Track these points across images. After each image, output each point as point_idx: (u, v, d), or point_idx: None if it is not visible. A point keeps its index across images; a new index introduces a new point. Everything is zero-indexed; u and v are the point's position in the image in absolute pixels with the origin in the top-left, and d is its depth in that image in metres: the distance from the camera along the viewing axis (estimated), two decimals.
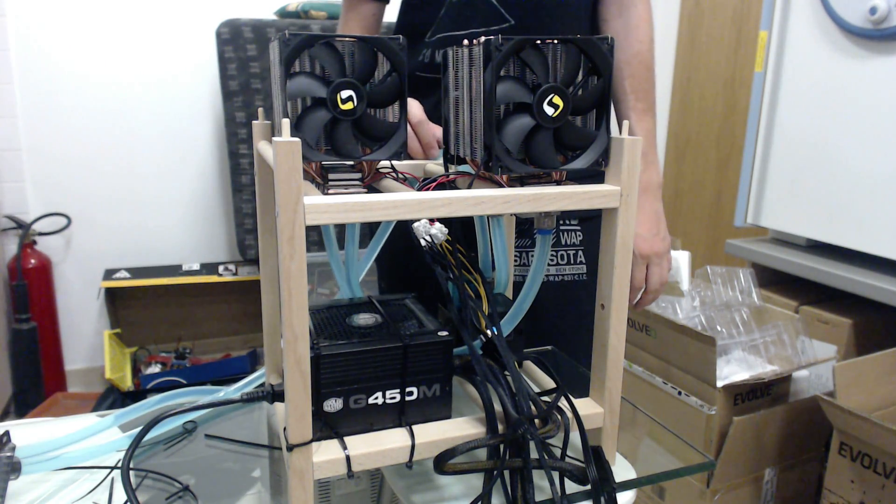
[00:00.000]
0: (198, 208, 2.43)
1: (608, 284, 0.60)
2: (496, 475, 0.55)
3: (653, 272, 0.99)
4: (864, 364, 1.43)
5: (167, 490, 0.66)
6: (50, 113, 2.21)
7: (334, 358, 0.56)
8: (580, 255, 1.02)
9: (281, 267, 0.49)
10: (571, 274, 1.01)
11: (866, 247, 1.58)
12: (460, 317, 0.62)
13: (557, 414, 0.59)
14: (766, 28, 1.78)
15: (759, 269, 1.87)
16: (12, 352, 2.12)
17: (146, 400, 0.75)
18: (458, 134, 0.62)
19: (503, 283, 0.75)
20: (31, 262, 2.17)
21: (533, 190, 0.55)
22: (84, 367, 2.39)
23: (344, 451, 0.55)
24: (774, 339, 1.62)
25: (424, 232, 0.59)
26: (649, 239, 0.98)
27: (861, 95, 1.56)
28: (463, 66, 0.59)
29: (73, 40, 2.19)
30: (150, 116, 2.31)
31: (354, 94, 0.55)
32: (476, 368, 0.58)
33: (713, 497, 1.51)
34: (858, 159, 1.58)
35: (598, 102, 0.58)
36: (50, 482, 0.66)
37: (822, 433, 1.59)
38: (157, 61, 2.28)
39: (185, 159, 2.38)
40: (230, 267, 2.32)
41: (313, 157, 0.55)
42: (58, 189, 2.26)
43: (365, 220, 0.51)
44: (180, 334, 2.36)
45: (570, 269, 1.01)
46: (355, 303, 0.69)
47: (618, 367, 0.62)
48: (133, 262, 2.36)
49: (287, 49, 0.54)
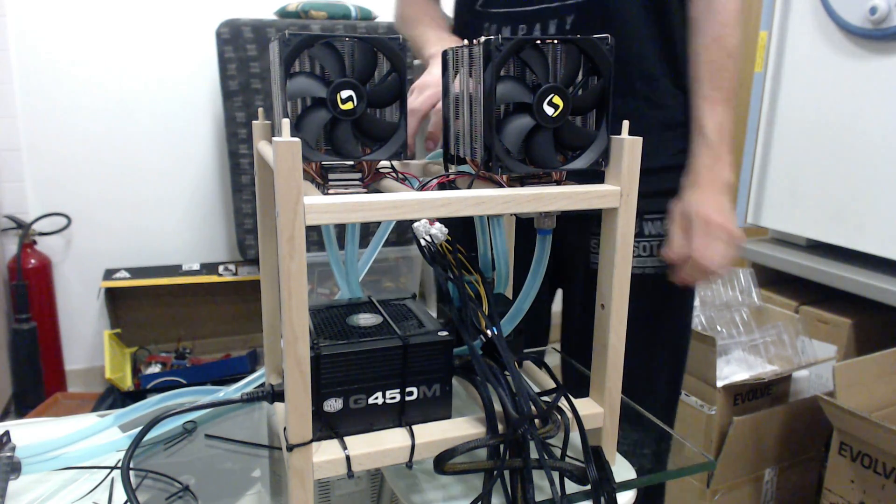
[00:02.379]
0: (198, 208, 2.43)
1: (608, 284, 0.60)
2: (496, 475, 0.55)
3: (716, 246, 0.86)
4: (864, 364, 1.43)
5: (167, 490, 0.66)
6: (50, 113, 2.21)
7: (334, 358, 0.56)
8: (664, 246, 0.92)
9: (281, 267, 0.49)
10: (653, 267, 0.93)
11: (866, 247, 1.58)
12: (460, 317, 0.62)
13: (557, 414, 0.59)
14: (766, 28, 1.78)
15: (759, 269, 1.87)
16: (12, 352, 2.12)
17: (146, 400, 0.75)
18: (458, 134, 0.62)
19: (503, 283, 0.75)
20: (31, 262, 2.17)
21: (533, 190, 0.55)
22: (84, 367, 2.39)
23: (344, 451, 0.55)
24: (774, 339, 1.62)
25: (424, 232, 0.59)
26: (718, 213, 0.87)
27: (861, 95, 1.56)
28: (463, 65, 0.59)
29: (73, 40, 2.19)
30: (150, 116, 2.31)
31: (354, 94, 0.55)
32: (476, 368, 0.58)
33: (713, 497, 1.51)
34: (858, 159, 1.58)
35: (598, 102, 0.58)
36: (50, 482, 0.66)
37: (822, 433, 1.59)
38: (157, 61, 2.28)
39: (185, 159, 2.37)
40: (230, 267, 2.32)
41: (313, 157, 0.55)
42: (58, 189, 2.26)
43: (365, 220, 0.51)
44: (180, 334, 2.36)
45: (652, 261, 0.93)
46: (355, 303, 0.69)
47: (618, 367, 0.62)
48: (133, 262, 2.36)
49: (287, 49, 0.54)
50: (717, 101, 0.89)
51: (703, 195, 0.89)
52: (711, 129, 0.88)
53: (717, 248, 0.87)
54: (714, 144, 0.88)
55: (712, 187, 0.88)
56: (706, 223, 0.87)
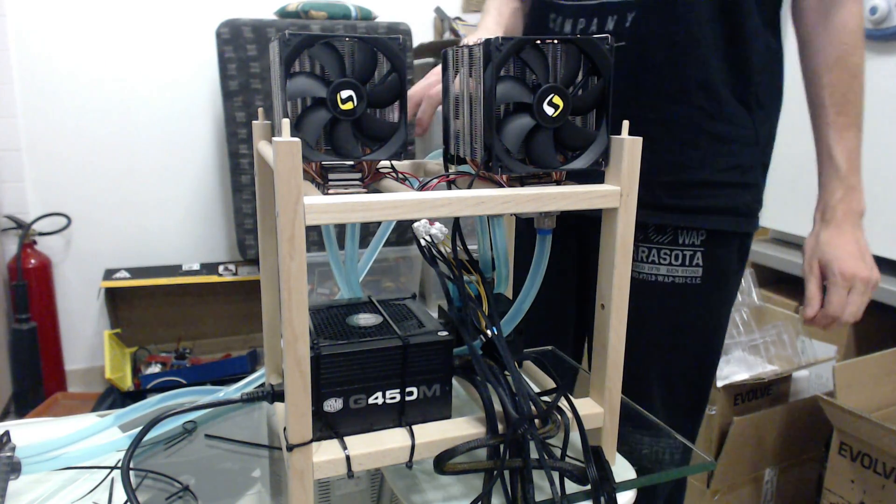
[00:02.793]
0: (198, 208, 2.43)
1: (608, 284, 0.60)
2: (496, 475, 0.55)
3: (852, 300, 0.85)
4: (864, 364, 1.43)
5: (167, 490, 0.66)
6: (50, 113, 2.21)
7: (334, 358, 0.56)
8: (698, 257, 0.88)
9: (281, 267, 0.49)
10: (684, 277, 0.88)
11: None
12: (460, 317, 0.62)
13: (557, 414, 0.59)
14: None
15: (759, 269, 1.87)
16: (12, 352, 2.12)
17: (146, 400, 0.75)
18: (458, 134, 0.62)
19: (503, 283, 0.75)
20: (31, 262, 2.17)
21: (533, 190, 0.55)
22: (84, 367, 2.39)
23: (344, 451, 0.55)
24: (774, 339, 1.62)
25: (424, 232, 0.58)
26: (855, 261, 0.85)
27: None
28: (463, 65, 0.59)
29: (73, 40, 2.19)
30: (150, 116, 2.31)
31: (354, 94, 0.55)
32: (476, 368, 0.58)
33: (713, 497, 1.51)
34: None
35: (598, 102, 0.58)
36: (50, 482, 0.66)
37: (822, 433, 1.59)
38: (157, 61, 2.28)
39: (185, 159, 2.37)
40: (230, 267, 2.32)
41: (313, 157, 0.55)
42: (58, 189, 2.25)
43: (365, 220, 0.51)
44: (180, 334, 2.35)
45: (683, 270, 0.88)
46: (355, 303, 0.69)
47: (618, 367, 0.62)
48: (133, 262, 2.36)
49: (287, 49, 0.54)
50: (844, 127, 0.84)
51: (838, 237, 0.84)
52: (841, 158, 0.84)
53: (853, 302, 0.85)
54: (845, 174, 0.84)
55: (847, 223, 0.85)
56: (844, 277, 0.84)
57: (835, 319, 0.87)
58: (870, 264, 0.86)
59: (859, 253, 0.86)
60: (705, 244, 0.88)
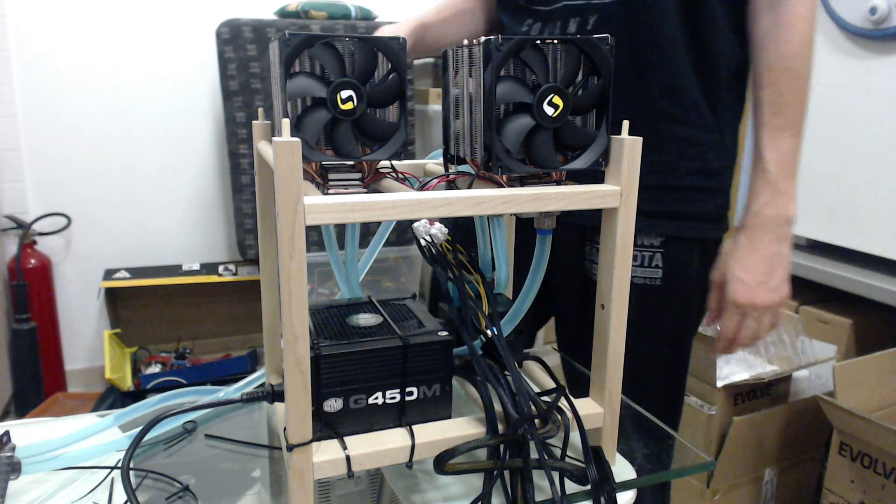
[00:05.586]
0: (198, 208, 2.43)
1: (608, 284, 0.60)
2: (496, 475, 0.55)
3: (746, 325, 0.83)
4: (864, 364, 1.43)
5: (167, 490, 0.66)
6: (50, 113, 2.21)
7: (334, 358, 0.56)
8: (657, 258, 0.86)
9: (281, 267, 0.49)
10: (643, 278, 0.86)
11: (866, 247, 1.58)
12: (460, 317, 0.62)
13: (557, 414, 0.59)
14: None
15: None
16: (12, 352, 2.12)
17: (146, 400, 0.75)
18: (458, 134, 0.62)
19: (503, 283, 0.75)
20: (31, 262, 2.17)
21: (533, 190, 0.55)
22: (84, 367, 2.39)
23: (344, 451, 0.55)
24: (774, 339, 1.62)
25: (424, 232, 0.59)
26: (752, 287, 0.81)
27: (861, 95, 1.56)
28: (463, 65, 0.59)
29: (73, 40, 2.19)
30: (150, 116, 2.31)
31: (354, 94, 0.55)
32: (476, 368, 0.58)
33: (713, 497, 1.51)
34: (858, 159, 1.58)
35: (598, 102, 0.58)
36: (50, 482, 0.66)
37: (822, 433, 1.59)
38: (157, 61, 2.28)
39: (185, 159, 2.37)
40: (230, 267, 2.32)
41: (313, 157, 0.55)
42: (58, 189, 2.25)
43: (365, 220, 0.51)
44: (180, 334, 2.36)
45: (642, 271, 0.86)
46: (355, 303, 0.69)
47: (618, 367, 0.62)
48: (133, 262, 2.36)
49: (287, 49, 0.54)
50: (779, 129, 0.80)
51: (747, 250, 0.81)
52: (772, 161, 0.80)
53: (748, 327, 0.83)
54: (774, 178, 0.80)
55: (764, 232, 0.81)
56: (736, 305, 0.82)
57: (731, 343, 0.85)
58: (774, 286, 0.82)
59: (764, 272, 0.82)
60: (665, 245, 0.86)
